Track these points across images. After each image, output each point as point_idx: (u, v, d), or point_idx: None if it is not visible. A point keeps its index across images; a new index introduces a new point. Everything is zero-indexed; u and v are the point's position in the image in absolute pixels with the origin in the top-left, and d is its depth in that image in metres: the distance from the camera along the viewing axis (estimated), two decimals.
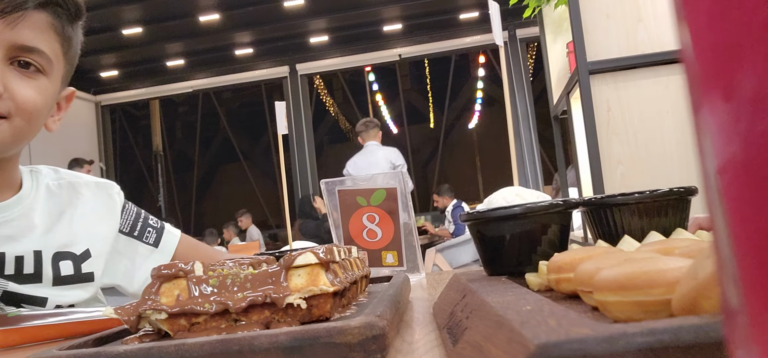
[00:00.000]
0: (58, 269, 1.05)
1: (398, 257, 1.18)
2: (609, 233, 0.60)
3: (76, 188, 1.16)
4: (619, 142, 2.67)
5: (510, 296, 0.42)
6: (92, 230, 1.13)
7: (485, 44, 9.25)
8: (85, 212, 1.13)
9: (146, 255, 1.19)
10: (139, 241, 1.19)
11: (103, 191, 1.19)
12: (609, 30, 2.71)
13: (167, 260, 1.20)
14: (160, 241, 1.21)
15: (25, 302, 0.99)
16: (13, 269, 1.00)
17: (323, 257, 0.54)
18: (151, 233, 1.21)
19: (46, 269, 1.03)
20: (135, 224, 1.20)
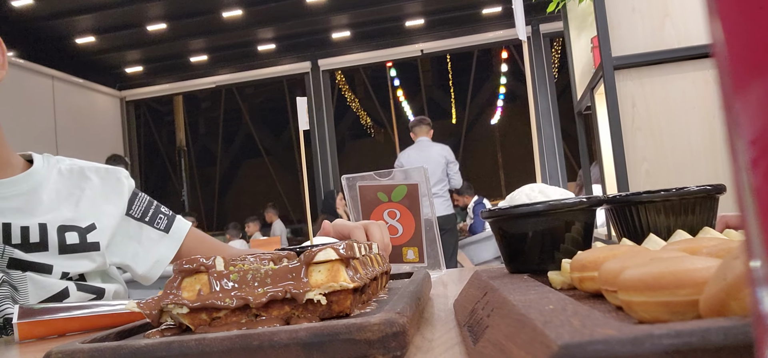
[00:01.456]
0: (63, 239, 1.06)
1: (419, 254, 1.17)
2: (634, 232, 0.59)
3: (85, 172, 1.18)
4: (644, 138, 2.64)
5: (532, 295, 0.41)
6: (99, 208, 1.15)
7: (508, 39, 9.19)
8: (93, 194, 1.16)
9: (156, 240, 1.20)
10: (150, 226, 1.21)
11: (111, 175, 1.21)
12: (635, 24, 2.67)
13: (177, 246, 1.22)
14: (170, 227, 1.22)
15: (31, 269, 1.01)
16: (19, 239, 1.02)
17: (343, 254, 0.54)
18: (162, 219, 1.23)
19: (51, 237, 1.05)
20: (147, 210, 1.22)
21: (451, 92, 15.43)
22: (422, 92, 15.46)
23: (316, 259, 0.54)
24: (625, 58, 2.64)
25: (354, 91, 15.21)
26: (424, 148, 6.01)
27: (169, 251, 1.20)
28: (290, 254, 0.73)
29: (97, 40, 8.19)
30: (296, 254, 0.77)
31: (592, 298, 0.46)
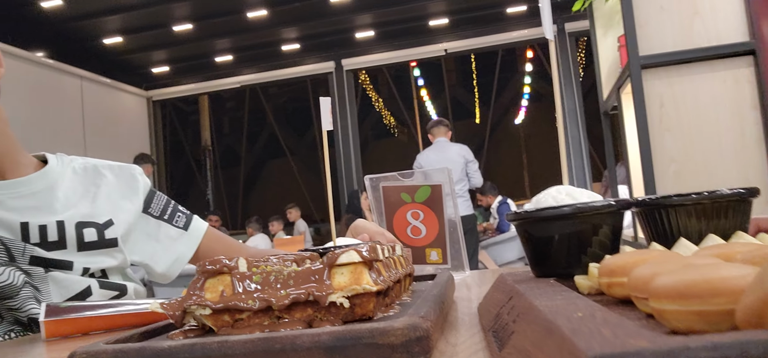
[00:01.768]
0: (81, 235, 1.07)
1: (442, 255, 1.17)
2: (663, 235, 0.58)
3: (99, 169, 1.19)
4: (672, 139, 2.59)
5: (559, 300, 0.40)
6: (115, 204, 1.15)
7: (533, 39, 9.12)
8: (109, 190, 1.17)
9: (175, 237, 1.22)
10: (168, 224, 1.22)
11: (125, 172, 1.22)
12: (663, 23, 2.63)
13: (196, 244, 1.23)
14: (189, 225, 1.23)
15: (52, 266, 1.02)
16: (38, 238, 1.03)
17: (367, 256, 0.53)
18: (180, 217, 1.24)
19: (69, 235, 1.06)
20: (165, 208, 1.24)
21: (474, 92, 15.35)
22: (446, 92, 15.41)
23: (339, 261, 0.53)
24: (653, 57, 2.60)
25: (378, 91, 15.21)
26: (442, 149, 6.04)
27: (188, 250, 1.21)
28: (313, 255, 0.73)
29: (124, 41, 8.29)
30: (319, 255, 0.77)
31: (621, 304, 0.45)
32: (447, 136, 6.17)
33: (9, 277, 0.96)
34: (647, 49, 2.62)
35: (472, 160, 6.06)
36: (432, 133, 6.20)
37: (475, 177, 6.11)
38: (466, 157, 6.02)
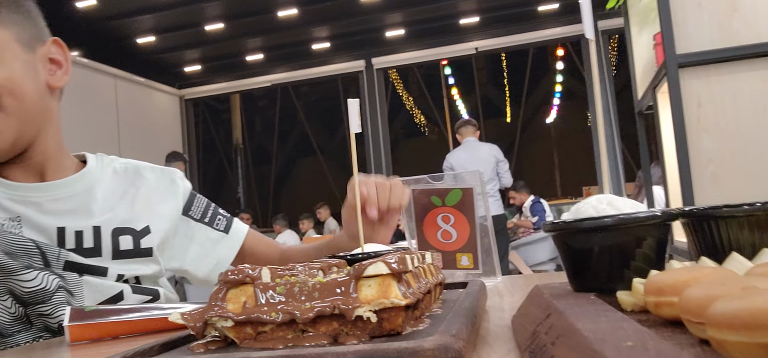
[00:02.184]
0: (117, 243, 1.07)
1: (473, 260, 1.13)
2: (712, 248, 0.54)
3: (140, 171, 1.19)
4: (710, 139, 2.52)
5: (604, 323, 0.37)
6: (153, 209, 1.15)
7: (565, 37, 8.99)
8: (148, 193, 1.16)
9: (217, 240, 1.21)
10: (209, 227, 1.21)
11: (166, 175, 1.22)
12: (701, 20, 2.56)
13: (237, 247, 1.22)
14: (230, 228, 1.22)
15: (86, 272, 1.01)
16: (74, 243, 1.03)
17: (395, 268, 0.50)
18: (221, 220, 1.23)
19: (105, 242, 1.05)
20: (206, 211, 1.23)
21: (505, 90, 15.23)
22: (476, 90, 15.31)
23: (366, 273, 0.50)
24: (691, 55, 2.53)
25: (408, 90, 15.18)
26: (472, 148, 6.02)
27: (229, 253, 1.20)
28: (341, 262, 0.71)
29: (157, 40, 8.39)
30: (347, 262, 0.74)
31: (670, 326, 0.41)
32: (475, 135, 6.15)
33: (42, 281, 0.96)
34: (684, 47, 2.55)
35: (503, 160, 6.04)
36: (460, 133, 6.19)
37: (506, 177, 6.07)
38: (497, 156, 5.99)
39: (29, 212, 1.01)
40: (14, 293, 0.95)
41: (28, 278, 0.95)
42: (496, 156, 6.00)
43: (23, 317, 0.96)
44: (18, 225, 1.00)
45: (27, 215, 1.01)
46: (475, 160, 5.81)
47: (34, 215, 1.01)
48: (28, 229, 1.00)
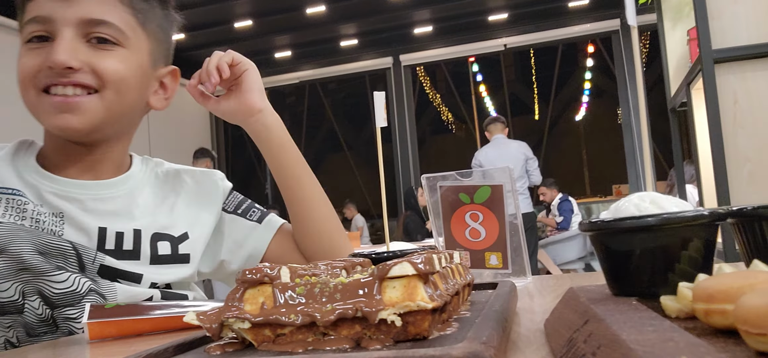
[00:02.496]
0: (155, 249, 1.06)
1: (503, 259, 1.10)
2: (764, 250, 0.50)
3: (180, 175, 1.18)
4: (746, 137, 2.44)
5: (650, 332, 0.34)
6: (193, 215, 1.14)
7: (595, 33, 8.86)
8: (188, 199, 1.15)
9: (250, 230, 1.19)
10: (242, 217, 1.20)
11: (207, 178, 1.21)
12: (737, 15, 2.48)
13: (270, 235, 1.19)
14: (263, 219, 1.20)
15: (121, 278, 1.00)
16: (113, 244, 1.02)
17: (422, 268, 0.48)
18: (255, 213, 1.22)
19: (144, 247, 1.05)
20: (240, 204, 1.22)
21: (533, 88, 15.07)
22: (504, 88, 15.18)
23: (391, 274, 0.48)
24: (727, 50, 2.45)
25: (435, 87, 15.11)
26: (502, 146, 5.99)
27: (261, 243, 1.18)
28: (365, 261, 0.68)
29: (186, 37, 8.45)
30: (372, 261, 0.71)
31: (722, 335, 0.38)
32: (504, 133, 6.12)
33: (73, 283, 0.96)
34: (720, 42, 2.48)
35: (532, 158, 6.01)
36: (489, 130, 6.16)
37: (535, 174, 6.02)
38: (526, 154, 5.96)
39: (72, 208, 1.01)
40: (43, 295, 0.95)
41: (59, 279, 0.95)
42: (526, 154, 5.97)
43: (49, 319, 0.96)
44: (60, 222, 0.99)
45: (69, 212, 1.00)
46: (504, 158, 5.78)
47: (77, 212, 1.01)
48: (69, 226, 1.00)
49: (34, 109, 0.99)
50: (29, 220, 0.97)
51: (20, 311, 0.95)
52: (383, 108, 0.80)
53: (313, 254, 1.16)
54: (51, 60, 0.95)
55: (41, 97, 0.98)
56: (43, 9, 0.97)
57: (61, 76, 0.96)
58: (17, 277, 0.94)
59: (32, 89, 0.98)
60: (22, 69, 0.98)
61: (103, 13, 1.00)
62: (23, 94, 0.99)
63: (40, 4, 0.98)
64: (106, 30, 1.00)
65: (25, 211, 0.97)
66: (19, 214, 0.97)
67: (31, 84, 0.98)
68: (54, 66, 0.95)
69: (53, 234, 0.97)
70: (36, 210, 0.98)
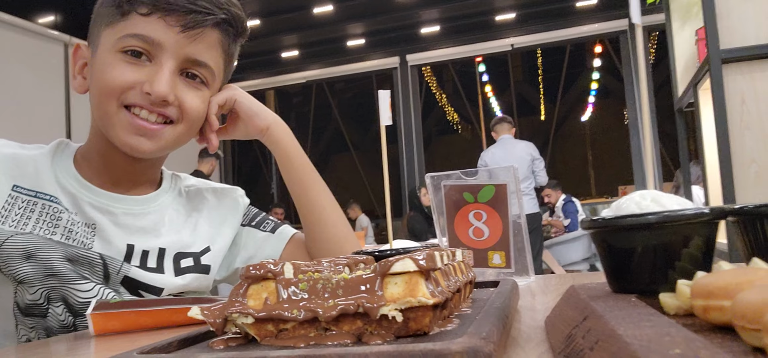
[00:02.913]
0: (178, 264, 1.08)
1: (506, 258, 1.10)
2: (765, 248, 0.50)
3: (202, 193, 1.20)
4: (753, 138, 2.43)
5: (647, 328, 0.34)
6: (214, 231, 1.16)
7: (603, 33, 8.83)
8: (210, 216, 1.18)
9: (263, 240, 1.21)
10: (256, 229, 1.23)
11: (228, 195, 1.23)
12: (746, 15, 2.47)
13: (282, 244, 1.22)
14: (276, 230, 1.23)
15: (142, 289, 1.01)
16: (138, 262, 1.03)
17: (423, 265, 0.48)
18: (269, 224, 1.25)
19: (167, 263, 1.06)
20: (255, 217, 1.25)
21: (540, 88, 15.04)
22: (511, 88, 15.15)
23: (393, 270, 0.48)
24: (735, 51, 2.44)
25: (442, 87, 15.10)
26: (508, 146, 5.99)
27: (274, 252, 1.21)
28: (368, 258, 0.68)
29: None
30: (374, 258, 0.72)
31: (719, 331, 0.38)
32: (511, 133, 6.12)
33: (98, 293, 0.97)
34: (728, 42, 2.46)
35: (538, 158, 6.00)
36: (495, 130, 6.16)
37: (541, 175, 6.02)
38: (532, 154, 5.96)
39: (105, 220, 1.02)
40: (67, 302, 0.96)
41: (84, 288, 0.96)
42: (532, 154, 5.96)
43: (71, 326, 0.97)
44: (91, 233, 1.00)
45: (102, 224, 1.01)
46: (510, 158, 5.78)
47: (108, 225, 1.02)
48: (99, 238, 1.01)
49: (108, 121, 0.99)
50: (62, 229, 0.98)
51: (44, 315, 0.95)
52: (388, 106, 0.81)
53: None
54: (153, 90, 0.96)
55: (121, 113, 0.98)
56: (155, 31, 0.97)
57: (153, 105, 0.98)
58: (44, 283, 0.94)
59: (114, 102, 0.98)
60: (113, 80, 0.97)
61: (206, 56, 1.02)
62: (101, 101, 0.99)
63: (153, 24, 0.97)
64: (202, 71, 1.03)
65: (60, 219, 0.98)
66: (52, 222, 0.97)
67: (115, 97, 0.98)
68: (153, 96, 0.97)
69: (83, 246, 0.98)
70: (70, 219, 0.99)
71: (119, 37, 0.98)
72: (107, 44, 0.99)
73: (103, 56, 0.99)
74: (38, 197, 0.98)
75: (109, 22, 0.99)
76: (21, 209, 0.96)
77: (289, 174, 1.19)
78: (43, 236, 0.95)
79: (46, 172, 1.01)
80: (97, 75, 0.99)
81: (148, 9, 0.97)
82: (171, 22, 0.97)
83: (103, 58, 0.99)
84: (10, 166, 1.00)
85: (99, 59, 0.99)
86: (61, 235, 0.97)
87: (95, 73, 1.00)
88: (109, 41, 0.99)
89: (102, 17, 1.01)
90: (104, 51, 0.99)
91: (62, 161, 1.05)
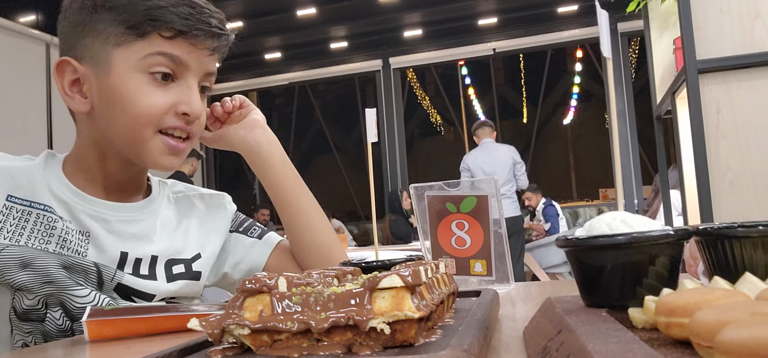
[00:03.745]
0: (170, 271, 1.10)
1: (487, 267, 1.14)
2: (726, 267, 0.54)
3: (191, 200, 1.22)
4: (728, 147, 2.50)
5: (614, 344, 0.38)
6: (204, 237, 1.18)
7: (583, 39, 8.94)
8: (200, 223, 1.19)
9: (249, 246, 1.24)
10: (244, 235, 1.25)
11: (216, 202, 1.25)
12: (722, 26, 2.53)
13: (268, 251, 1.24)
14: (263, 236, 1.25)
15: (135, 295, 1.03)
16: (131, 269, 1.05)
17: (409, 281, 0.51)
18: (255, 230, 1.27)
19: (159, 270, 1.08)
20: (242, 223, 1.27)
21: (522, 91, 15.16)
22: (493, 91, 15.26)
23: (381, 285, 0.51)
24: (711, 61, 2.50)
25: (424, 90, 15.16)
26: (490, 150, 6.04)
27: (260, 258, 1.23)
28: (355, 270, 0.72)
29: None
30: (362, 269, 0.75)
31: (679, 346, 0.42)
32: (492, 136, 6.18)
33: (95, 299, 0.99)
34: (705, 52, 2.52)
35: (520, 162, 6.07)
36: (477, 134, 6.22)
37: (522, 179, 6.08)
38: (514, 158, 6.02)
39: (99, 228, 1.03)
40: (65, 307, 0.97)
41: (82, 294, 0.97)
42: (514, 157, 6.02)
43: (69, 331, 0.98)
44: (85, 241, 1.01)
45: (96, 232, 1.02)
46: (492, 162, 5.83)
47: (102, 233, 1.03)
48: (93, 246, 1.02)
49: (141, 146, 1.00)
50: (57, 237, 0.99)
51: (42, 320, 0.97)
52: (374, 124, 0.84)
53: (311, 266, 1.20)
54: (192, 111, 1.00)
55: (157, 137, 1.00)
56: (180, 49, 0.98)
57: (187, 124, 1.01)
58: (41, 290, 0.96)
59: (151, 128, 0.99)
60: (151, 107, 0.97)
61: (214, 65, 1.05)
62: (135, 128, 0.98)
63: (176, 43, 0.98)
64: (211, 81, 1.06)
65: (55, 228, 0.99)
66: (47, 231, 0.98)
67: (152, 122, 0.98)
68: (192, 115, 1.00)
69: (78, 254, 1.00)
70: (65, 228, 1.00)
71: (143, 57, 0.97)
72: (126, 65, 0.97)
73: (125, 79, 0.98)
74: (33, 206, 0.99)
75: (121, 41, 0.97)
76: (16, 218, 0.98)
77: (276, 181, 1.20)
78: (38, 248, 0.97)
79: (39, 182, 1.02)
80: (125, 101, 0.98)
81: (172, 33, 0.97)
82: (197, 44, 0.99)
83: (125, 81, 0.98)
84: (5, 177, 1.00)
85: (119, 82, 0.98)
86: (55, 244, 0.98)
87: (117, 97, 0.98)
88: (128, 62, 0.97)
89: (104, 35, 0.98)
90: (124, 73, 0.98)
91: (53, 171, 1.06)
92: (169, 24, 0.96)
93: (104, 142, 1.04)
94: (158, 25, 0.96)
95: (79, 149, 1.08)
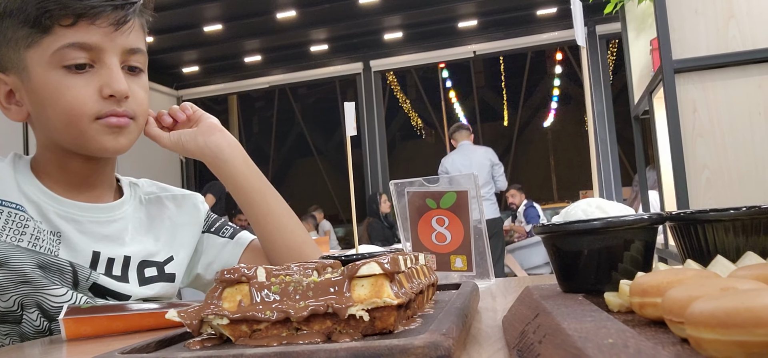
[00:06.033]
0: (142, 274, 1.09)
1: (467, 262, 1.14)
2: (699, 251, 0.55)
3: (162, 201, 1.21)
4: (705, 145, 2.54)
5: (588, 323, 0.38)
6: (177, 239, 1.18)
7: (563, 41, 9.01)
8: (172, 224, 1.19)
9: (221, 246, 1.24)
10: (215, 235, 1.25)
11: (188, 201, 1.24)
12: (697, 26, 2.57)
13: (240, 251, 1.24)
14: (235, 235, 1.25)
15: (110, 296, 1.02)
16: (104, 269, 1.04)
17: (388, 268, 0.52)
18: (227, 230, 1.27)
19: (132, 273, 1.08)
20: (214, 223, 1.27)
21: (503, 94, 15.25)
22: (474, 94, 15.34)
23: (360, 273, 0.52)
24: (687, 61, 2.54)
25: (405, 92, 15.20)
26: (467, 152, 6.07)
27: (232, 258, 1.22)
28: (335, 262, 0.72)
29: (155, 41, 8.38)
30: (341, 262, 0.75)
31: (653, 325, 0.43)
32: (470, 139, 6.21)
33: (71, 298, 0.98)
34: (681, 53, 2.56)
35: (498, 163, 6.10)
36: (454, 137, 6.26)
37: (501, 180, 6.12)
38: (492, 159, 6.05)
39: (70, 229, 1.02)
40: (42, 307, 0.96)
41: (58, 293, 0.97)
42: (492, 159, 6.05)
43: (46, 331, 0.97)
44: (57, 241, 1.00)
45: (67, 232, 1.02)
46: (470, 164, 5.85)
47: (74, 233, 1.02)
48: (64, 246, 1.01)
49: (81, 138, 0.99)
50: (28, 236, 0.98)
51: (18, 322, 0.96)
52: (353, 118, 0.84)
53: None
54: (114, 90, 0.97)
55: (94, 125, 0.99)
56: (89, 36, 0.96)
57: (118, 106, 0.99)
58: (17, 290, 0.95)
59: (84, 118, 0.98)
60: (76, 99, 0.97)
61: (138, 41, 1.03)
62: (70, 124, 0.98)
63: (84, 30, 0.96)
64: (139, 58, 1.04)
65: (27, 227, 0.98)
66: (19, 230, 0.97)
67: (82, 113, 0.97)
68: (117, 95, 0.98)
69: (50, 253, 0.99)
70: (36, 227, 0.99)
71: (53, 53, 0.96)
72: (40, 64, 0.97)
73: (43, 79, 0.97)
74: (4, 205, 0.98)
75: (30, 43, 0.97)
76: None
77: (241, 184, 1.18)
78: (12, 244, 0.96)
79: (9, 181, 1.01)
80: (50, 100, 0.97)
81: (72, 19, 0.95)
82: (101, 24, 0.97)
83: (44, 81, 0.97)
84: None
85: (39, 83, 0.97)
86: (27, 242, 0.97)
87: (42, 98, 0.98)
88: (40, 61, 0.97)
89: (14, 40, 0.98)
90: (41, 73, 0.97)
91: (22, 172, 1.05)
92: (65, 10, 0.95)
93: (52, 142, 1.04)
94: (55, 15, 0.95)
95: (39, 152, 1.08)
